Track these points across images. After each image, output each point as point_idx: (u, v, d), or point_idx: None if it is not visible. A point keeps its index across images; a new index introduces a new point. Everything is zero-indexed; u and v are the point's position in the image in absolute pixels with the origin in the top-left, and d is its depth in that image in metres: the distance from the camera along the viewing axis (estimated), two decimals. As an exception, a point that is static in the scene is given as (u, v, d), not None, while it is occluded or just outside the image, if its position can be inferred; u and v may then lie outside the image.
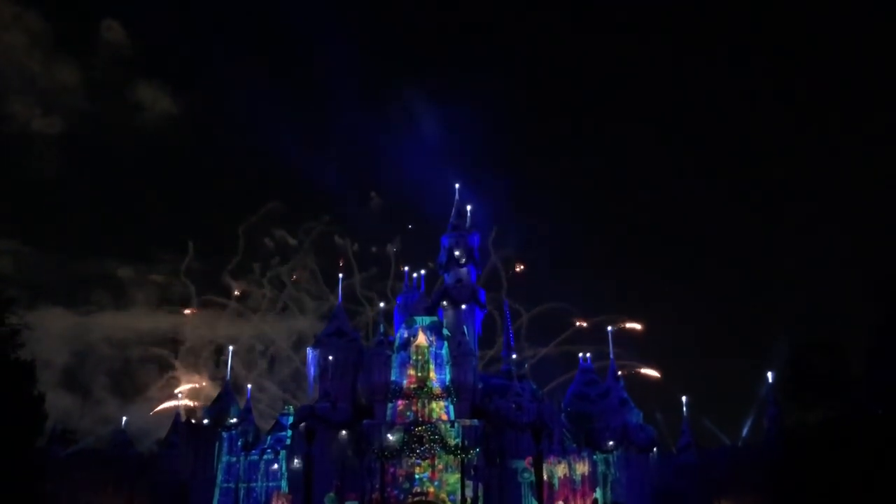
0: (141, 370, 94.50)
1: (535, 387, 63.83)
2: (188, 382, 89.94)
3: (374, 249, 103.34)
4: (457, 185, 69.62)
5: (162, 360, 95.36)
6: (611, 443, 57.68)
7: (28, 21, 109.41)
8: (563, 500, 53.99)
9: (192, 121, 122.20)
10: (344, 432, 55.83)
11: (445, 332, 59.00)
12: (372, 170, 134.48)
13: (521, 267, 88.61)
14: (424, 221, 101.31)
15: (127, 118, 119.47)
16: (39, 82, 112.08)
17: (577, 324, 66.60)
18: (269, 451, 58.14)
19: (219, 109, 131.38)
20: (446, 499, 53.24)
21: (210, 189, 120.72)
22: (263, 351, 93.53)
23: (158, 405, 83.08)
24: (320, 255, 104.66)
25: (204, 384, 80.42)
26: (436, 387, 56.71)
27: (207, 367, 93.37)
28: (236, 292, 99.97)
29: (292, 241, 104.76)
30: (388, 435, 53.93)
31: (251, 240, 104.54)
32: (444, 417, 55.65)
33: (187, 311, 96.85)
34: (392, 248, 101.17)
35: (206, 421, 59.43)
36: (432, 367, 57.44)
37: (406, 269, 69.61)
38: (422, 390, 56.40)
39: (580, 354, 68.32)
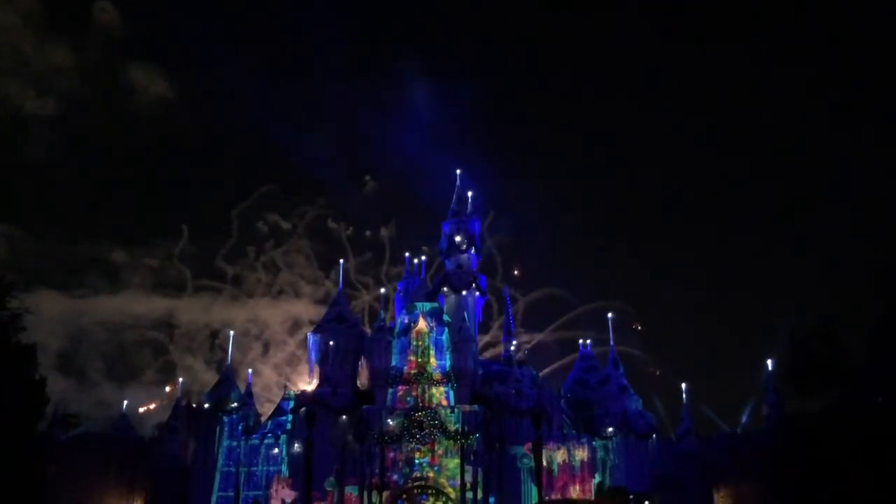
0: (136, 354, 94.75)
1: (534, 373, 63.99)
2: (182, 368, 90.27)
3: (368, 233, 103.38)
4: (458, 172, 69.42)
5: (157, 344, 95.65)
6: (610, 429, 57.83)
7: (20, 1, 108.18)
8: (562, 486, 54.24)
9: (186, 103, 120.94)
10: (344, 417, 55.95)
11: (446, 318, 59.06)
12: (367, 153, 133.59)
13: (519, 272, 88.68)
14: (419, 205, 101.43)
15: (121, 101, 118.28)
16: (32, 64, 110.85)
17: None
18: (269, 435, 58.37)
19: (213, 92, 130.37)
20: (446, 484, 53.48)
21: (204, 172, 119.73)
22: (258, 335, 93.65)
23: (153, 392, 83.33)
24: (314, 238, 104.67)
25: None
26: (436, 372, 56.84)
27: (202, 351, 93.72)
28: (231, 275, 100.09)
29: (286, 225, 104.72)
30: (389, 420, 54.11)
31: (245, 223, 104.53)
32: (444, 403, 55.81)
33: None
34: (386, 233, 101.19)
35: (206, 405, 59.60)
36: (432, 352, 57.56)
37: (407, 255, 70.08)
38: (422, 376, 56.53)
39: (580, 341, 68.52)
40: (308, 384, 60.16)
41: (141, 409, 75.71)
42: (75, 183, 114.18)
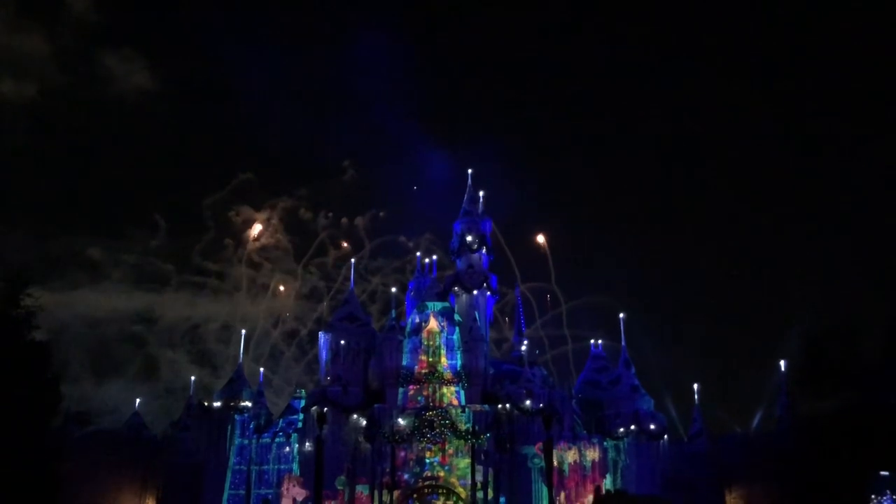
0: (117, 348, 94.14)
1: (546, 373, 63.85)
2: (164, 362, 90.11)
3: (344, 220, 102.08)
4: (469, 171, 69.20)
5: (138, 339, 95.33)
6: (621, 429, 57.68)
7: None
8: (574, 487, 54.13)
9: (162, 91, 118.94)
10: (355, 416, 56.14)
11: (457, 317, 59.05)
12: (346, 143, 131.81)
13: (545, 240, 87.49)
14: (401, 193, 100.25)
15: (94, 88, 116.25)
16: (5, 51, 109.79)
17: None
18: (280, 434, 58.57)
19: (188, 80, 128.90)
20: (457, 483, 53.47)
21: (180, 162, 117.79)
22: (240, 329, 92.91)
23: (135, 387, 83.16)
24: (291, 231, 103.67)
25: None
26: (447, 372, 56.83)
27: (183, 346, 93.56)
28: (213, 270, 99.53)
29: (260, 217, 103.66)
30: (399, 419, 54.18)
31: (221, 215, 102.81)
32: (455, 402, 55.80)
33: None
34: (362, 223, 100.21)
35: (218, 404, 59.87)
36: (443, 352, 57.54)
37: (419, 254, 70.19)
38: (433, 375, 56.52)
39: (591, 341, 68.38)
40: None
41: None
42: (50, 174, 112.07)
